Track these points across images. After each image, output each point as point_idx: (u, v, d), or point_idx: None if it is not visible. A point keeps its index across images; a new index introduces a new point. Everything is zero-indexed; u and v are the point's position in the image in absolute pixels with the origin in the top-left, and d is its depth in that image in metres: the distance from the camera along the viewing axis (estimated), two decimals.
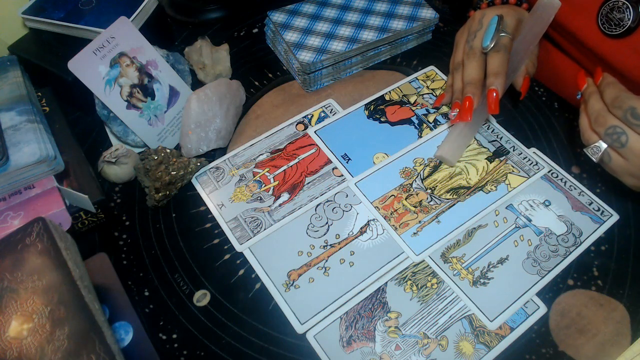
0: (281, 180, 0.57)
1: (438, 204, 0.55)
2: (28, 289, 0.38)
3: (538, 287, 0.49)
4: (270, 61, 0.70)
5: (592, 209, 0.54)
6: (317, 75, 0.64)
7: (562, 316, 0.48)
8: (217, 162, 0.59)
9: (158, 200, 0.54)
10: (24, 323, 0.37)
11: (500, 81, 0.52)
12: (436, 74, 0.67)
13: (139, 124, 0.57)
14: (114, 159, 0.55)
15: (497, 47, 0.53)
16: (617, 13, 0.50)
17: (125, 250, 0.53)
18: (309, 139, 0.61)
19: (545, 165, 0.57)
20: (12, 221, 0.49)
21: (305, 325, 0.48)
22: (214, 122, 0.58)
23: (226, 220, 0.54)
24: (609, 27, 0.51)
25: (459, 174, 0.57)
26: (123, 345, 0.46)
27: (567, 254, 0.51)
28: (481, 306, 0.48)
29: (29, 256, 0.39)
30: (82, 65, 0.53)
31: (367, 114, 0.63)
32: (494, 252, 0.51)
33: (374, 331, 0.47)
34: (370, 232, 0.53)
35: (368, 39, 0.65)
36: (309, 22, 0.67)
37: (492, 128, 0.61)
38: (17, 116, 0.53)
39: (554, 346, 0.46)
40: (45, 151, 0.50)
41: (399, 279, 0.50)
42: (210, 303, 0.50)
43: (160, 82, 0.59)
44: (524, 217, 0.54)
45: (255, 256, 0.52)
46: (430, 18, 0.67)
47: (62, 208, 0.50)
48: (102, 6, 0.62)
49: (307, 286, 0.50)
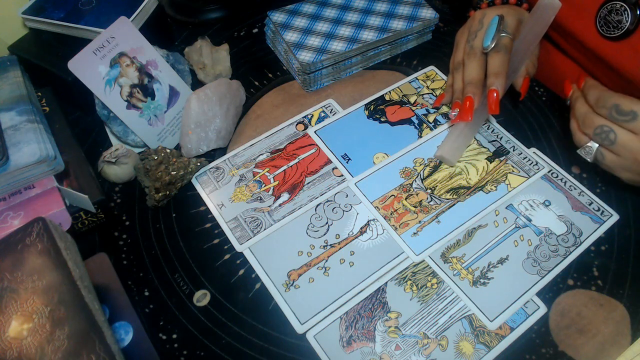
0: (281, 180, 0.57)
1: (438, 204, 0.55)
2: (28, 289, 0.38)
3: (538, 287, 0.49)
4: (270, 61, 0.70)
5: (592, 209, 0.54)
6: (317, 75, 0.64)
7: (562, 316, 0.48)
8: (217, 162, 0.59)
9: (158, 200, 0.54)
10: (24, 323, 0.37)
11: (500, 81, 0.52)
12: (436, 74, 0.67)
13: (139, 124, 0.57)
14: (114, 159, 0.55)
15: (498, 47, 0.53)
16: (616, 15, 0.50)
17: (125, 250, 0.53)
18: (309, 139, 0.61)
19: (545, 165, 0.57)
20: (12, 221, 0.49)
21: (305, 325, 0.48)
22: (214, 122, 0.58)
23: (226, 220, 0.54)
24: (607, 29, 0.51)
25: (459, 174, 0.57)
26: (123, 345, 0.46)
27: (567, 254, 0.51)
28: (481, 306, 0.48)
29: (29, 256, 0.39)
30: (82, 65, 0.53)
31: (367, 114, 0.63)
32: (494, 252, 0.51)
33: (374, 331, 0.47)
34: (370, 232, 0.53)
35: (368, 39, 0.65)
36: (309, 22, 0.67)
37: (492, 128, 0.61)
38: (17, 116, 0.53)
39: (554, 346, 0.46)
40: (45, 151, 0.50)
41: (399, 279, 0.50)
42: (210, 303, 0.50)
43: (160, 82, 0.59)
44: (524, 217, 0.54)
45: (255, 256, 0.52)
46: (430, 18, 0.67)
47: (62, 208, 0.50)
48: (102, 6, 0.62)
49: (307, 286, 0.50)
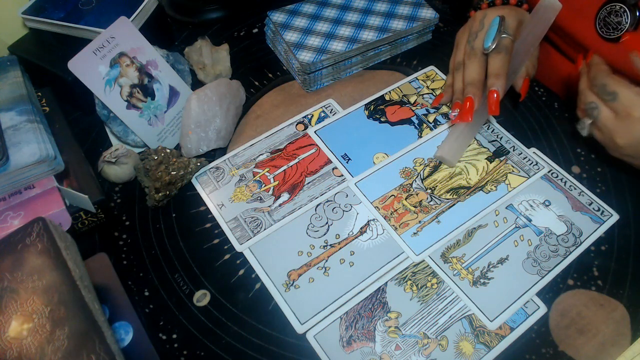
0: (281, 180, 0.57)
1: (438, 204, 0.55)
2: (28, 289, 0.38)
3: (538, 287, 0.49)
4: (270, 61, 0.70)
5: (592, 209, 0.54)
6: (317, 75, 0.64)
7: (562, 316, 0.48)
8: (217, 162, 0.59)
9: (158, 200, 0.54)
10: (24, 323, 0.37)
11: (501, 82, 0.52)
12: (436, 74, 0.67)
13: (139, 124, 0.57)
14: (114, 159, 0.55)
15: (499, 48, 0.53)
16: (615, 17, 0.50)
17: (125, 250, 0.53)
18: (309, 139, 0.61)
19: (545, 165, 0.57)
20: (12, 221, 0.49)
21: (305, 325, 0.48)
22: (214, 122, 0.58)
23: (226, 220, 0.54)
24: (607, 30, 0.51)
25: (459, 174, 0.57)
26: (123, 345, 0.46)
27: (567, 254, 0.51)
28: (481, 306, 0.48)
29: (29, 256, 0.39)
30: (82, 65, 0.53)
31: (367, 114, 0.63)
32: (494, 252, 0.51)
33: (374, 331, 0.47)
34: (370, 232, 0.53)
35: (368, 39, 0.65)
36: (309, 22, 0.67)
37: (492, 128, 0.61)
38: (17, 116, 0.52)
39: (554, 346, 0.46)
40: (45, 151, 0.50)
41: (399, 279, 0.50)
42: (210, 303, 0.50)
43: (160, 82, 0.59)
44: (524, 217, 0.54)
45: (255, 256, 0.52)
46: (430, 18, 0.67)
47: (62, 208, 0.50)
48: (102, 6, 0.62)
49: (307, 286, 0.50)
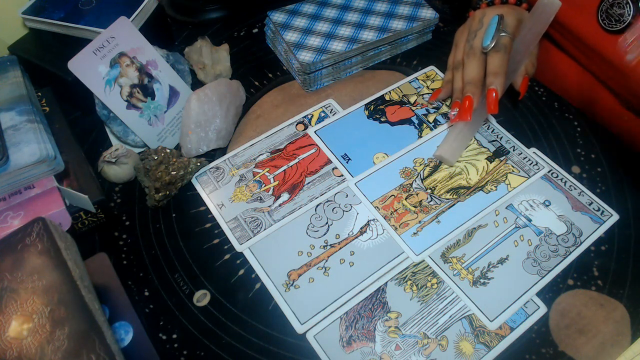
0: (281, 180, 0.57)
1: (438, 204, 0.55)
2: (28, 289, 0.38)
3: (538, 287, 0.49)
4: (270, 61, 0.70)
5: (592, 209, 0.54)
6: (317, 75, 0.64)
7: (562, 316, 0.48)
8: (217, 162, 0.59)
9: (158, 200, 0.54)
10: (24, 323, 0.37)
11: (499, 81, 0.52)
12: (436, 74, 0.67)
13: (139, 124, 0.57)
14: (114, 159, 0.55)
15: (498, 46, 0.53)
16: (617, 9, 0.50)
17: (125, 250, 0.53)
18: (309, 139, 0.61)
19: (545, 165, 0.57)
20: (12, 221, 0.49)
21: (305, 325, 0.48)
22: (214, 122, 0.58)
23: (226, 220, 0.54)
24: (609, 22, 0.51)
25: (459, 174, 0.57)
26: (123, 345, 0.46)
27: (567, 254, 0.51)
28: (481, 306, 0.48)
29: (29, 256, 0.39)
30: (82, 65, 0.53)
31: (367, 114, 0.63)
32: (494, 252, 0.51)
33: (374, 331, 0.47)
34: (370, 232, 0.53)
35: (368, 39, 0.65)
36: (309, 22, 0.67)
37: (492, 128, 0.61)
38: (17, 116, 0.52)
39: (554, 346, 0.46)
40: (45, 151, 0.50)
41: (399, 279, 0.50)
42: (210, 303, 0.50)
43: (160, 82, 0.59)
44: (524, 217, 0.54)
45: (255, 256, 0.52)
46: (430, 18, 0.67)
47: (62, 208, 0.50)
48: (102, 6, 0.62)
49: (307, 286, 0.50)
